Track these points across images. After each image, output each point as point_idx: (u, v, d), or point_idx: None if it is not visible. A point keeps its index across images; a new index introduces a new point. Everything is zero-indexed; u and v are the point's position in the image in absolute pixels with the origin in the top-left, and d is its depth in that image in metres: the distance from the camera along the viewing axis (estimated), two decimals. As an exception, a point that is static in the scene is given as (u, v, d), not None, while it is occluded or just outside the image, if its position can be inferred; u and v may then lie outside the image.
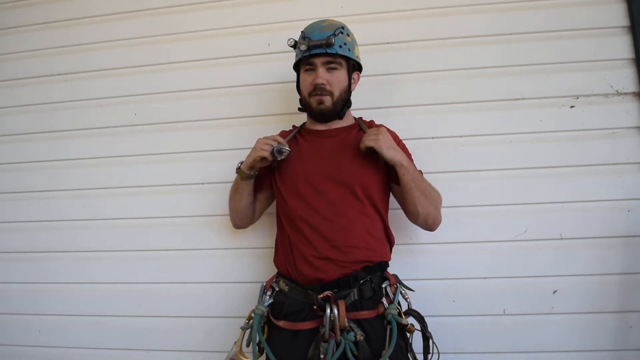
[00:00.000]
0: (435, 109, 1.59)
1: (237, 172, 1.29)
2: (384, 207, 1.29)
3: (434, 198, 1.27)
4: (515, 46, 1.57)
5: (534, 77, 1.56)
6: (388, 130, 1.29)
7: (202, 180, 1.68)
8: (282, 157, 1.23)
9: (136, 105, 1.75)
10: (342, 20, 1.53)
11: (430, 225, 1.30)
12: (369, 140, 1.19)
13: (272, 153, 1.21)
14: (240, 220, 1.42)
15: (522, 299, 1.51)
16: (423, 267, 1.55)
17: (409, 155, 1.30)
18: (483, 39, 1.59)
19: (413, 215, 1.28)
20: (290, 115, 1.51)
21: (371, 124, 1.37)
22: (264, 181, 1.36)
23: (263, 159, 1.22)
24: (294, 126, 1.43)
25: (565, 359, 1.48)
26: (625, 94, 1.52)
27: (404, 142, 1.34)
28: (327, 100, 1.25)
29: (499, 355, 1.50)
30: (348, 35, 1.28)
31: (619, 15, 1.54)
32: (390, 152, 1.18)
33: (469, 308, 1.52)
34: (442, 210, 1.53)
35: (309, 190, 1.24)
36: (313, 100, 1.27)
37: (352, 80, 1.31)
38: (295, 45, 1.30)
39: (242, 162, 1.28)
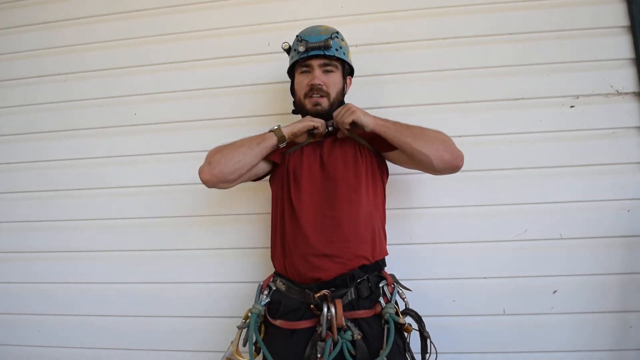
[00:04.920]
0: (435, 109, 1.59)
1: (274, 131, 1.25)
2: (381, 202, 1.30)
3: (434, 134, 1.20)
4: (515, 46, 1.58)
5: (534, 77, 1.56)
6: None
7: (202, 180, 1.67)
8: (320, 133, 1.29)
9: (136, 105, 1.75)
10: (342, 20, 1.54)
11: (450, 160, 1.18)
12: (347, 117, 1.20)
13: (327, 126, 1.28)
14: (232, 171, 1.22)
15: (522, 299, 1.51)
16: (423, 267, 1.54)
17: None
18: (483, 39, 1.59)
19: (427, 163, 1.18)
20: (290, 115, 1.51)
21: None
22: (277, 154, 1.31)
23: (314, 127, 1.26)
24: None
25: (565, 359, 1.48)
26: (625, 94, 1.52)
27: None
28: (324, 102, 1.27)
29: (498, 355, 1.50)
30: (342, 40, 1.32)
31: (619, 15, 1.54)
32: (366, 118, 1.20)
33: (469, 308, 1.52)
34: (443, 211, 1.54)
35: (309, 188, 1.24)
36: (309, 102, 1.28)
37: (346, 84, 1.34)
38: (289, 50, 1.32)
39: (279, 125, 1.27)
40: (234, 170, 1.22)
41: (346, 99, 1.35)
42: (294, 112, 1.36)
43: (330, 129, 1.29)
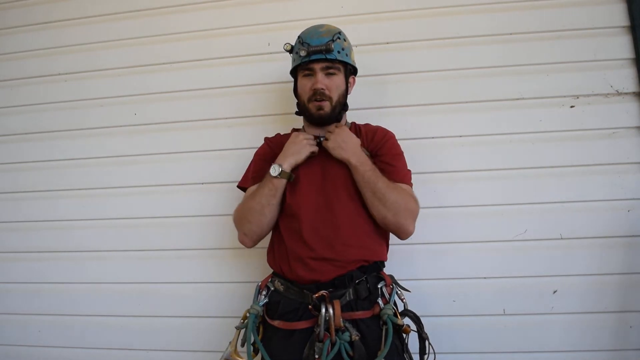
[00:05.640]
0: (435, 109, 1.59)
1: (280, 176, 1.20)
2: None
3: (393, 203, 1.16)
4: (515, 46, 1.57)
5: (534, 77, 1.56)
6: (381, 129, 1.34)
7: (202, 180, 1.68)
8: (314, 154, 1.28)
9: (136, 105, 1.75)
10: (342, 20, 1.54)
11: (394, 231, 1.21)
12: (325, 142, 1.25)
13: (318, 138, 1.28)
14: (268, 229, 1.27)
15: (522, 299, 1.50)
16: (423, 268, 1.55)
17: (397, 154, 1.29)
18: (483, 39, 1.59)
19: (374, 218, 1.21)
20: (290, 116, 1.51)
21: (376, 131, 1.35)
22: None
23: (313, 153, 1.26)
24: (292, 130, 1.43)
25: (565, 359, 1.48)
26: (625, 94, 1.52)
27: (400, 141, 1.34)
28: (327, 106, 1.26)
29: (498, 355, 1.50)
30: (345, 40, 1.30)
31: (619, 15, 1.54)
32: (336, 151, 1.22)
33: (469, 308, 1.52)
34: (443, 211, 1.53)
35: (307, 191, 1.24)
36: (312, 106, 1.27)
37: (349, 84, 1.33)
38: (291, 50, 1.31)
39: (280, 167, 1.20)
40: (269, 227, 1.27)
41: (348, 99, 1.34)
42: (297, 113, 1.35)
43: (321, 138, 1.28)
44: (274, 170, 1.21)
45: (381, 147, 1.28)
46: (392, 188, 1.18)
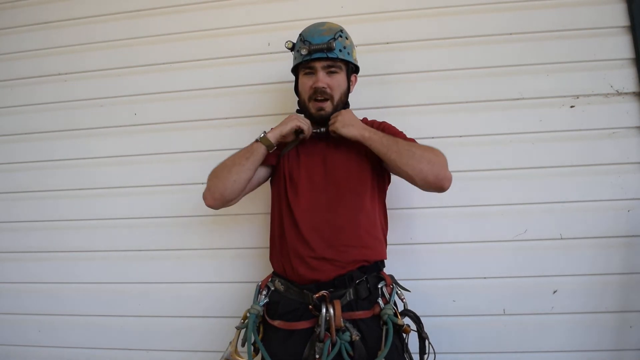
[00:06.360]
0: (435, 109, 1.59)
1: (260, 140, 1.22)
2: (381, 205, 1.30)
3: (421, 153, 1.15)
4: (515, 46, 1.57)
5: (534, 77, 1.56)
6: (377, 121, 1.34)
7: (202, 180, 1.66)
8: (305, 136, 1.26)
9: (136, 105, 1.75)
10: (342, 20, 1.54)
11: (433, 182, 1.15)
12: (330, 127, 1.24)
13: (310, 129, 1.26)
14: (232, 192, 1.23)
15: (522, 299, 1.51)
16: (423, 267, 1.55)
17: (398, 132, 1.28)
18: (483, 38, 1.59)
19: (411, 180, 1.17)
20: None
21: (372, 123, 1.36)
22: (271, 157, 1.29)
23: (300, 130, 1.24)
24: None
25: (565, 359, 1.48)
26: (625, 94, 1.52)
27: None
28: (328, 106, 1.26)
29: (498, 355, 1.50)
30: (347, 38, 1.29)
31: (619, 15, 1.54)
32: (346, 129, 1.20)
33: (469, 308, 1.52)
34: (443, 211, 1.53)
35: (308, 189, 1.24)
36: (312, 106, 1.27)
37: (350, 83, 1.32)
38: (292, 48, 1.31)
39: (264, 132, 1.23)
40: (233, 190, 1.23)
41: (349, 98, 1.34)
42: (299, 111, 1.35)
43: (322, 129, 1.27)
44: (258, 135, 1.23)
45: (381, 131, 1.25)
46: (413, 144, 1.18)
